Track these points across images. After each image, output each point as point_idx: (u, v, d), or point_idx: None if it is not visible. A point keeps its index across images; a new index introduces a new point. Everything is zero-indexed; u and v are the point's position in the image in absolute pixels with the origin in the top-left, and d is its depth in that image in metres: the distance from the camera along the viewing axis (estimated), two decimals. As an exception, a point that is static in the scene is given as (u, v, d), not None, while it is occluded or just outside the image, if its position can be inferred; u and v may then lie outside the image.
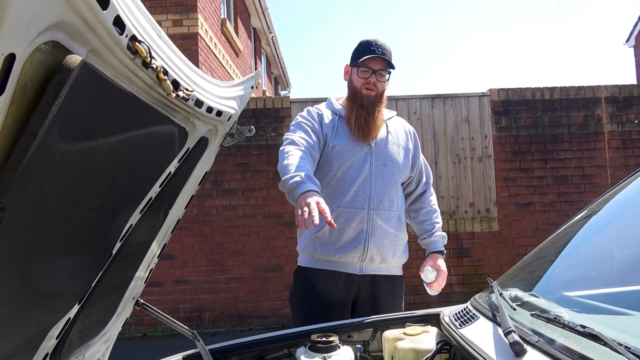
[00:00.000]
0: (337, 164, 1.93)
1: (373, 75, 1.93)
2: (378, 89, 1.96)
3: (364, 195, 1.91)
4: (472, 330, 1.23)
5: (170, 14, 6.48)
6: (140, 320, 5.05)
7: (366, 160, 1.94)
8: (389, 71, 1.97)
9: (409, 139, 2.10)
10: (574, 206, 5.17)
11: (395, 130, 2.06)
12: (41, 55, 0.56)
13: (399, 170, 2.00)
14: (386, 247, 1.95)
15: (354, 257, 1.91)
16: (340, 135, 1.96)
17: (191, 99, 0.96)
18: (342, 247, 1.90)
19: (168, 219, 1.31)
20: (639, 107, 5.43)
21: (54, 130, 0.60)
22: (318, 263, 1.95)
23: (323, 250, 1.92)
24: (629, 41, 15.08)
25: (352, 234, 1.90)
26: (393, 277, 2.04)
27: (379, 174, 1.95)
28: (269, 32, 12.76)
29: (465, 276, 5.29)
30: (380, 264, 1.96)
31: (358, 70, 1.95)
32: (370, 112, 1.94)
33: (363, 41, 1.96)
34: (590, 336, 0.88)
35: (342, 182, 1.92)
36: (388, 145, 1.99)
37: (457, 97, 5.38)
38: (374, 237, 1.92)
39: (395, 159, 1.99)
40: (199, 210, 5.13)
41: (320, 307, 1.90)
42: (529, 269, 1.57)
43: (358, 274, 1.93)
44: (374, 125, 1.95)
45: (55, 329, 0.98)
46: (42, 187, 0.68)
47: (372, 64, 1.92)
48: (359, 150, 1.94)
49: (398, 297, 2.06)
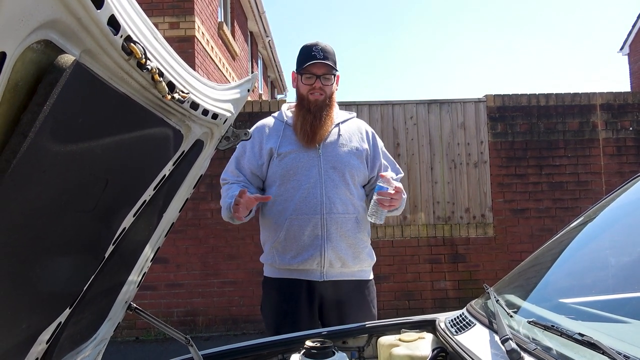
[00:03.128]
0: (284, 172, 1.92)
1: (318, 81, 1.93)
2: (326, 93, 1.95)
3: (315, 200, 1.89)
4: (468, 337, 1.22)
5: (167, 16, 6.46)
6: (133, 324, 5.01)
7: (314, 164, 1.92)
8: (334, 73, 1.96)
9: (364, 140, 2.04)
10: (569, 212, 5.19)
11: (347, 133, 2.02)
12: (33, 54, 0.55)
13: (351, 172, 1.96)
14: (344, 251, 1.91)
15: (312, 263, 1.88)
16: (287, 143, 1.95)
17: (187, 101, 0.95)
18: (298, 254, 1.88)
19: (162, 222, 1.29)
20: (634, 114, 5.46)
21: (45, 131, 0.59)
22: (280, 273, 1.94)
23: (281, 260, 1.91)
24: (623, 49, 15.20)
25: (306, 240, 1.88)
26: (359, 282, 1.97)
27: (329, 177, 1.92)
28: (266, 35, 12.78)
29: (460, 282, 5.29)
30: (342, 269, 1.92)
31: (302, 77, 1.95)
32: (317, 116, 1.93)
33: (304, 46, 1.96)
34: (588, 344, 0.87)
35: (290, 189, 1.91)
36: (337, 148, 1.96)
37: (454, 103, 5.39)
38: (330, 241, 1.88)
39: (346, 161, 1.95)
40: (193, 214, 5.11)
41: (286, 316, 1.89)
42: (526, 276, 1.57)
43: (319, 281, 1.89)
44: (321, 129, 1.93)
45: (46, 333, 0.96)
46: (32, 189, 0.66)
47: (315, 70, 1.92)
48: (305, 155, 1.93)
49: (365, 302, 1.98)
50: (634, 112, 5.46)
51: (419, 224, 5.29)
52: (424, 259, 5.29)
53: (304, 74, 1.94)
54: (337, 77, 2.02)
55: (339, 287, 1.92)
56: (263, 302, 2.03)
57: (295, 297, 1.90)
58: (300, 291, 1.90)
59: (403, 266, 5.31)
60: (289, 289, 1.91)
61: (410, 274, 5.29)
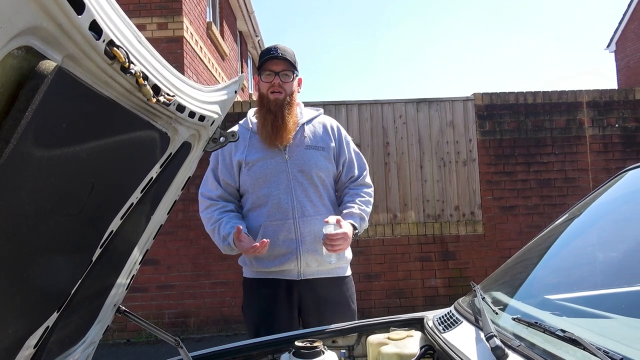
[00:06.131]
0: (254, 180, 1.94)
1: (276, 77, 1.94)
2: (285, 91, 1.95)
3: (286, 205, 1.92)
4: (455, 335, 1.24)
5: (155, 17, 6.43)
6: (124, 327, 4.98)
7: (281, 170, 1.94)
8: (294, 72, 1.97)
9: (330, 137, 2.05)
10: (557, 209, 5.24)
11: (312, 132, 2.02)
12: (14, 60, 0.55)
13: (319, 173, 1.97)
14: (320, 252, 1.91)
15: (290, 265, 1.91)
16: (254, 151, 1.96)
17: (173, 104, 0.95)
18: (276, 259, 1.91)
19: (150, 224, 1.29)
20: (619, 111, 5.53)
21: (27, 137, 0.59)
22: (258, 274, 1.97)
23: (259, 264, 1.94)
24: (610, 46, 15.36)
25: (282, 245, 1.91)
26: (336, 278, 2.00)
27: (297, 181, 1.94)
28: (255, 35, 12.74)
29: (450, 279, 5.33)
30: (319, 268, 1.95)
31: (262, 76, 1.96)
32: (277, 115, 1.92)
33: (264, 49, 2.01)
34: (570, 340, 0.89)
35: (262, 197, 1.94)
36: (303, 150, 1.97)
37: (442, 102, 5.42)
38: (305, 244, 1.91)
39: (313, 162, 1.96)
40: (184, 215, 5.09)
41: (266, 315, 1.92)
42: (512, 273, 1.59)
43: (297, 280, 1.93)
44: (283, 129, 1.92)
45: (33, 337, 0.96)
46: (16, 195, 0.66)
47: (273, 67, 1.94)
48: (272, 162, 1.94)
49: (344, 298, 2.00)
50: (619, 109, 5.53)
51: (409, 222, 5.32)
52: (414, 257, 5.32)
53: (263, 72, 1.96)
54: (300, 80, 2.04)
55: (317, 285, 1.95)
56: (244, 303, 2.06)
57: (274, 296, 1.93)
58: (279, 290, 1.93)
59: (394, 264, 5.33)
60: (268, 288, 1.94)
61: (401, 272, 5.32)
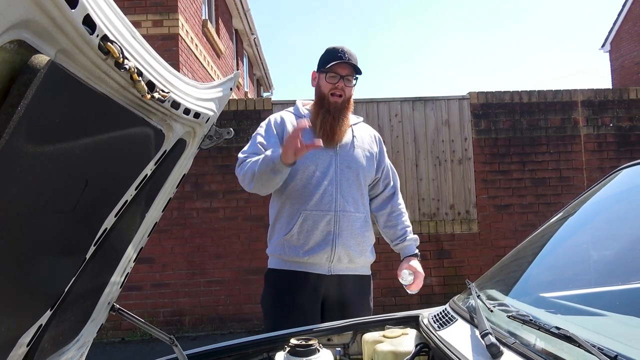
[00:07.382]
0: (302, 168, 1.96)
1: (341, 81, 1.98)
2: (345, 94, 2.01)
3: (330, 197, 1.95)
4: (450, 333, 1.24)
5: (150, 14, 6.40)
6: (118, 325, 4.96)
7: (331, 163, 1.98)
8: (355, 77, 2.03)
9: (374, 143, 2.15)
10: (552, 208, 5.26)
11: (360, 135, 2.11)
12: (6, 54, 0.54)
13: (364, 173, 2.04)
14: (353, 248, 1.98)
15: (322, 258, 1.94)
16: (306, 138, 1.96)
17: (167, 101, 0.94)
18: (310, 249, 1.94)
19: (144, 222, 1.28)
20: (614, 110, 5.55)
21: (20, 132, 0.58)
22: (287, 265, 1.98)
23: (292, 253, 1.95)
24: (604, 46, 15.43)
25: (319, 235, 1.94)
26: (361, 277, 2.07)
27: (344, 176, 1.99)
28: (251, 33, 12.71)
29: (445, 277, 5.34)
30: (348, 264, 1.99)
31: (326, 76, 2.00)
32: (336, 118, 1.99)
33: (330, 48, 2.02)
34: (565, 338, 0.89)
35: (308, 186, 1.96)
36: (353, 149, 2.04)
37: (438, 100, 5.43)
38: (341, 238, 1.95)
39: (360, 162, 2.03)
40: (179, 213, 5.08)
41: (289, 308, 1.93)
42: (507, 271, 1.59)
43: (326, 274, 1.96)
44: (339, 130, 2.00)
45: (26, 336, 0.95)
46: (9, 190, 0.65)
47: (340, 70, 1.98)
48: (323, 153, 1.97)
49: (366, 297, 2.09)
50: (614, 109, 5.56)
51: (404, 220, 5.32)
52: (410, 255, 5.32)
53: (329, 72, 1.99)
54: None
55: (343, 282, 1.99)
56: (265, 295, 2.05)
57: (301, 289, 1.95)
58: (307, 284, 1.95)
59: (389, 263, 5.33)
60: (296, 281, 1.95)
61: (397, 270, 5.31)
